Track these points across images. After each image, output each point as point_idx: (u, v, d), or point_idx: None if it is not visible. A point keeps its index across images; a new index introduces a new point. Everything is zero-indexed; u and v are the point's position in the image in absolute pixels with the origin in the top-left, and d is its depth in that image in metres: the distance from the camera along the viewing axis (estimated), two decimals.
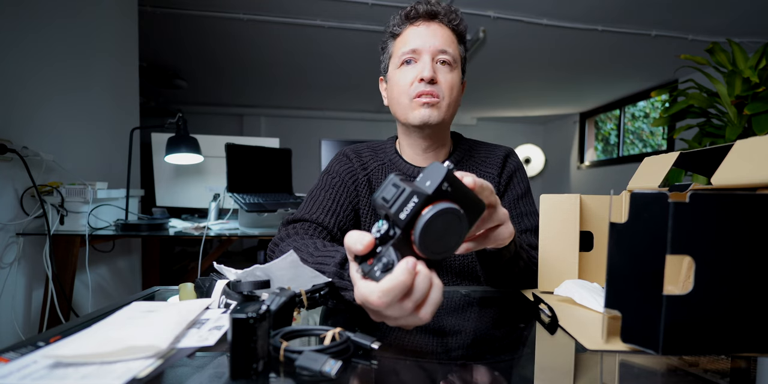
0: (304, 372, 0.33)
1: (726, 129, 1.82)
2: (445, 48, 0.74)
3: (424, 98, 0.74)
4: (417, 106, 0.75)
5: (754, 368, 0.37)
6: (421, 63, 0.74)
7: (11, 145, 1.30)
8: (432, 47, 0.74)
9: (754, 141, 0.41)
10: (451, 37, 0.76)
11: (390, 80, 0.80)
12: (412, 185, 0.37)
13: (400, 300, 0.36)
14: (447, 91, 0.74)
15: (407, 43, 0.75)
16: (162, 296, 0.61)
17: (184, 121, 1.75)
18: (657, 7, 2.35)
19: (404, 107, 0.77)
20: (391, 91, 0.80)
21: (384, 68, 0.83)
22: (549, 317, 0.51)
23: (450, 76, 0.75)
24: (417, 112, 0.75)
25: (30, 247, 1.46)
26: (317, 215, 0.76)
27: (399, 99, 0.77)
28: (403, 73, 0.76)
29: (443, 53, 0.74)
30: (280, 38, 2.83)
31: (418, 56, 0.75)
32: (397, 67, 0.77)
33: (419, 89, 0.74)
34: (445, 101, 0.75)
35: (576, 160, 5.10)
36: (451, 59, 0.75)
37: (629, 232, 0.38)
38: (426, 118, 0.74)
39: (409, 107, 0.76)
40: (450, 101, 0.75)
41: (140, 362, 0.34)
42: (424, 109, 0.74)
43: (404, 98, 0.76)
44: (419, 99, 0.74)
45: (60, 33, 1.60)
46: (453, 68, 0.76)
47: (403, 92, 0.76)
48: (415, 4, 0.77)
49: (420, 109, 0.74)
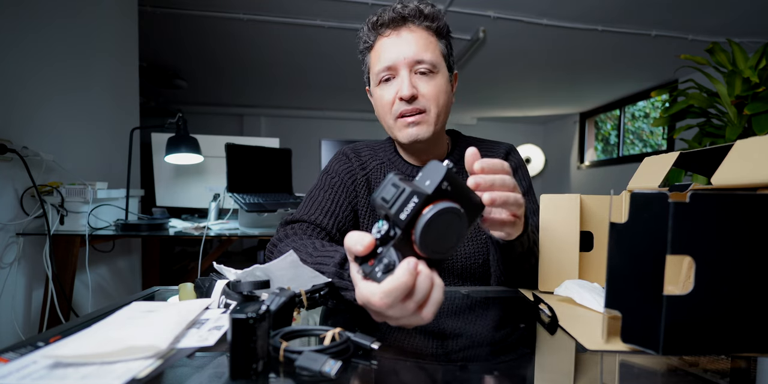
0: (304, 372, 0.33)
1: (726, 129, 1.82)
2: (420, 57, 0.69)
3: (408, 118, 0.71)
4: (403, 127, 0.72)
5: (754, 368, 0.37)
6: (399, 79, 0.71)
7: (11, 145, 1.30)
8: (407, 60, 0.69)
9: (754, 141, 0.41)
10: (427, 39, 0.71)
11: (373, 96, 0.78)
12: (411, 185, 0.37)
13: (402, 300, 0.36)
14: (432, 101, 0.71)
15: (380, 60, 0.71)
16: (162, 296, 0.61)
17: (184, 121, 1.75)
18: (657, 7, 2.35)
19: (390, 127, 0.75)
20: (376, 108, 0.78)
21: (366, 80, 0.80)
22: (549, 317, 0.50)
23: (433, 84, 0.71)
24: (404, 132, 0.73)
25: (30, 247, 1.46)
26: (316, 216, 0.75)
27: (384, 118, 0.75)
28: (383, 90, 0.73)
29: (420, 63, 0.70)
30: (280, 38, 2.83)
31: (395, 72, 0.71)
32: (376, 85, 0.74)
33: (401, 108, 0.71)
34: (433, 112, 0.72)
35: (576, 160, 5.10)
36: (431, 66, 0.70)
37: (629, 232, 0.38)
38: (414, 136, 0.72)
39: (395, 127, 0.74)
40: (438, 110, 0.72)
41: (140, 362, 0.34)
42: (411, 129, 0.72)
43: (389, 118, 0.74)
44: (404, 119, 0.72)
45: (60, 33, 1.60)
46: (435, 74, 0.71)
47: (386, 112, 0.74)
48: (381, 10, 0.72)
49: (406, 129, 0.72)
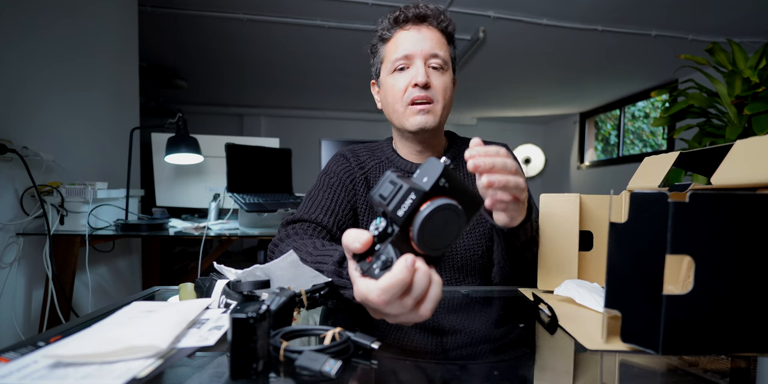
0: (304, 372, 0.33)
1: (726, 129, 1.82)
2: (436, 52, 0.75)
3: (419, 106, 0.75)
4: (412, 114, 0.75)
5: (754, 368, 0.37)
6: (414, 68, 0.75)
7: (11, 145, 1.30)
8: (423, 52, 0.74)
9: (754, 141, 0.41)
10: (441, 40, 0.77)
11: (383, 86, 0.80)
12: (409, 182, 0.37)
13: (400, 297, 0.36)
14: (441, 94, 0.75)
15: (398, 49, 0.76)
16: (162, 296, 0.61)
17: (184, 121, 1.75)
18: (657, 7, 2.35)
19: (399, 114, 0.77)
20: (385, 97, 0.80)
21: (375, 72, 0.83)
22: (549, 317, 0.51)
23: (443, 79, 0.76)
24: (413, 119, 0.76)
25: (30, 247, 1.46)
26: (316, 215, 0.76)
27: (394, 106, 0.78)
28: (396, 79, 0.76)
29: (434, 57, 0.75)
30: (279, 38, 2.83)
31: (411, 62, 0.75)
32: (389, 74, 0.78)
33: (414, 95, 0.74)
34: (440, 104, 0.76)
35: (576, 160, 5.10)
36: (443, 62, 0.75)
37: (629, 232, 0.38)
38: (422, 124, 0.75)
39: (404, 114, 0.77)
40: (444, 103, 0.76)
41: (140, 362, 0.34)
42: (420, 116, 0.75)
43: (399, 105, 0.77)
44: (414, 106, 0.75)
45: (60, 33, 1.60)
46: (445, 71, 0.76)
47: (397, 99, 0.77)
48: (403, 7, 0.77)
49: (416, 116, 0.75)
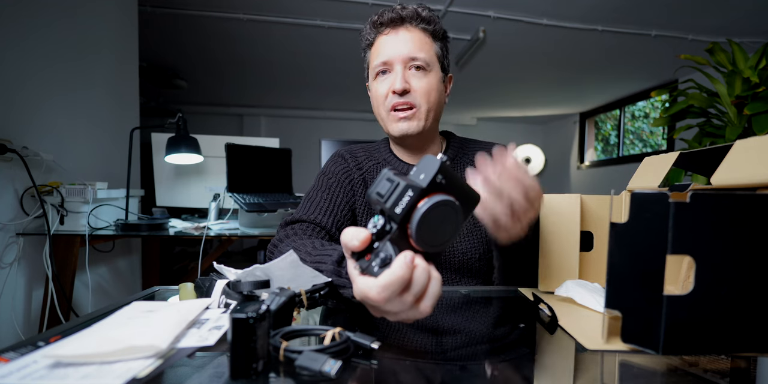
0: (304, 372, 0.33)
1: (726, 129, 1.82)
2: (414, 55, 0.73)
3: (400, 113, 0.75)
4: (394, 120, 0.76)
5: (754, 368, 0.37)
6: (393, 74, 0.75)
7: (11, 145, 1.30)
8: (402, 56, 0.73)
9: (754, 141, 0.41)
10: (424, 39, 0.75)
11: (370, 91, 0.81)
12: (406, 179, 0.37)
13: (400, 294, 0.36)
14: (423, 98, 0.74)
15: (379, 55, 0.76)
16: (162, 296, 0.61)
17: (184, 121, 1.75)
18: (657, 7, 2.35)
19: (384, 120, 0.78)
20: (372, 101, 0.81)
21: (366, 76, 0.84)
22: (549, 317, 0.51)
23: (425, 81, 0.74)
24: (395, 125, 0.76)
25: (30, 247, 1.46)
26: (315, 215, 0.76)
27: (378, 111, 0.79)
28: (379, 84, 0.77)
29: (413, 60, 0.74)
30: (279, 38, 2.83)
31: (391, 67, 0.75)
32: (373, 79, 0.78)
33: (393, 101, 0.75)
34: (423, 108, 0.75)
35: (576, 160, 5.10)
36: (425, 63, 0.74)
37: (629, 232, 0.37)
38: (404, 130, 0.76)
39: (387, 120, 0.77)
40: (429, 107, 0.75)
41: (140, 362, 0.34)
42: (402, 123, 0.75)
43: (382, 111, 0.77)
44: (395, 113, 0.75)
45: (60, 33, 1.60)
46: (428, 72, 0.75)
47: (380, 104, 0.77)
48: (380, 11, 0.76)
49: (398, 123, 0.76)
